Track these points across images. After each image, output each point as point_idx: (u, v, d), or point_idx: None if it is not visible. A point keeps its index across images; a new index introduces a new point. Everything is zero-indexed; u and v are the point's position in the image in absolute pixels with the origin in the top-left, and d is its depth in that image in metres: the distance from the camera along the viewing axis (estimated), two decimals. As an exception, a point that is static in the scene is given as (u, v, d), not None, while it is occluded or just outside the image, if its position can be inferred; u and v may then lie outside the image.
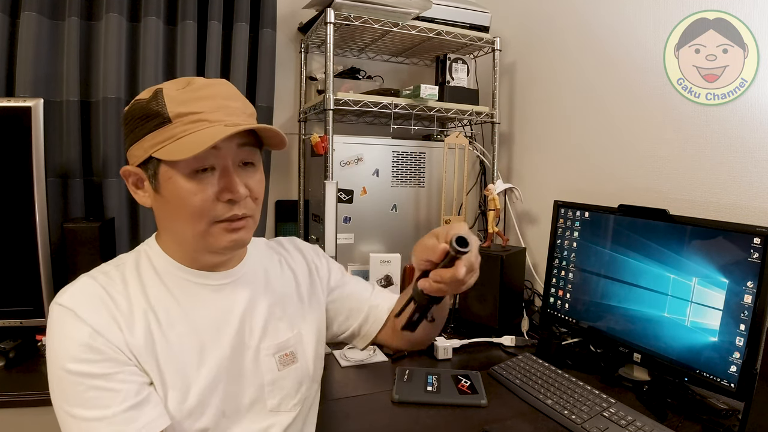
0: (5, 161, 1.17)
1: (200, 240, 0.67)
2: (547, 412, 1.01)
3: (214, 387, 0.68)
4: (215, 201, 0.65)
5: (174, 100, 0.63)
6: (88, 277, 0.66)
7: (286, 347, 0.76)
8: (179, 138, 0.62)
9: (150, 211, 1.53)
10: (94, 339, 0.60)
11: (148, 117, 0.63)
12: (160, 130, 0.63)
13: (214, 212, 0.65)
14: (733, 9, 1.11)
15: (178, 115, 0.62)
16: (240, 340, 0.72)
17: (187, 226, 0.65)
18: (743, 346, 0.93)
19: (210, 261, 0.71)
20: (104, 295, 0.64)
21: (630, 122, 1.38)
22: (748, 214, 1.09)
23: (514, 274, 1.49)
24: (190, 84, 0.65)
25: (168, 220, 0.68)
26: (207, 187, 0.64)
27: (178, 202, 0.64)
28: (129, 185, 0.69)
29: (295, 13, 1.82)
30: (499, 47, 1.72)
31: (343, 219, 1.60)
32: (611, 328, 1.20)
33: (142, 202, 0.69)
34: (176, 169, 0.63)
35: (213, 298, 0.71)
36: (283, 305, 0.78)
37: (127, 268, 0.69)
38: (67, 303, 0.61)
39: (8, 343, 1.20)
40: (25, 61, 1.40)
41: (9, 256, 1.19)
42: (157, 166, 0.64)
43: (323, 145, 1.48)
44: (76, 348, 0.59)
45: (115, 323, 0.62)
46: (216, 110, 0.63)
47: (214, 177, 0.65)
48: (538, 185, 1.75)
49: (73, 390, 0.59)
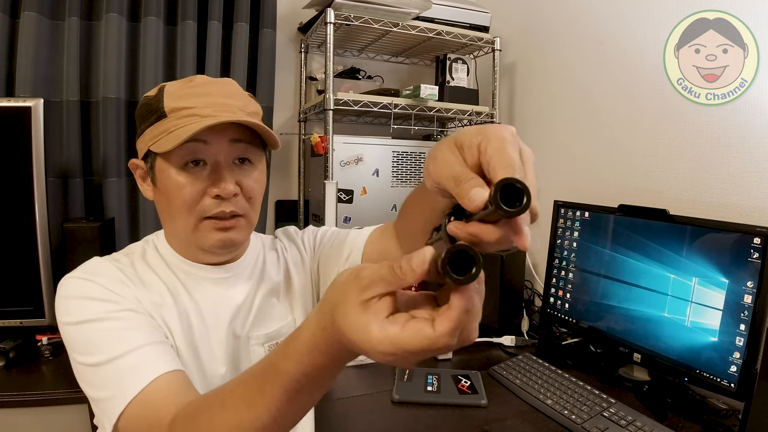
0: (5, 161, 1.17)
1: (191, 235, 0.67)
2: (547, 412, 1.01)
3: (214, 371, 0.69)
4: (204, 195, 0.65)
5: (172, 95, 0.65)
6: (98, 257, 0.69)
7: (277, 336, 0.76)
8: (171, 132, 0.63)
9: (150, 210, 1.56)
10: (108, 294, 0.61)
11: (150, 112, 0.66)
12: (157, 124, 0.65)
13: (202, 207, 0.65)
14: (733, 9, 1.11)
15: (172, 110, 0.64)
16: (233, 331, 0.73)
17: (179, 219, 0.66)
18: (743, 346, 0.92)
19: (204, 259, 0.72)
20: (115, 269, 0.66)
21: (630, 122, 1.38)
22: (748, 214, 1.09)
23: (514, 274, 1.49)
24: (192, 81, 0.67)
25: (164, 212, 0.70)
26: (196, 181, 0.64)
27: (170, 195, 0.65)
28: (136, 178, 0.72)
29: (295, 13, 1.82)
30: (499, 47, 1.72)
31: (343, 219, 1.60)
32: (611, 328, 1.20)
33: (146, 195, 0.71)
34: (169, 161, 0.64)
35: (214, 289, 0.73)
36: (276, 296, 0.79)
37: (136, 255, 0.72)
38: (81, 275, 0.63)
39: (8, 343, 1.20)
40: (25, 61, 1.40)
41: (9, 256, 1.19)
42: (154, 159, 0.66)
43: (323, 145, 1.48)
44: (89, 302, 0.60)
45: (125, 286, 0.64)
46: (210, 106, 0.64)
47: (204, 171, 0.65)
48: (538, 185, 1.74)
49: (92, 338, 0.59)
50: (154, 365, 0.57)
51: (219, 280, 0.73)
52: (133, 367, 0.57)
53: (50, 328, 1.24)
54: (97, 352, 0.58)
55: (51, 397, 1.05)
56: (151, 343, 0.59)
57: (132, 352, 0.57)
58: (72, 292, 0.62)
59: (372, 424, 0.97)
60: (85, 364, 0.59)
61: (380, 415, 1.00)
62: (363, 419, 0.99)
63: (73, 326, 0.59)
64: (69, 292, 0.62)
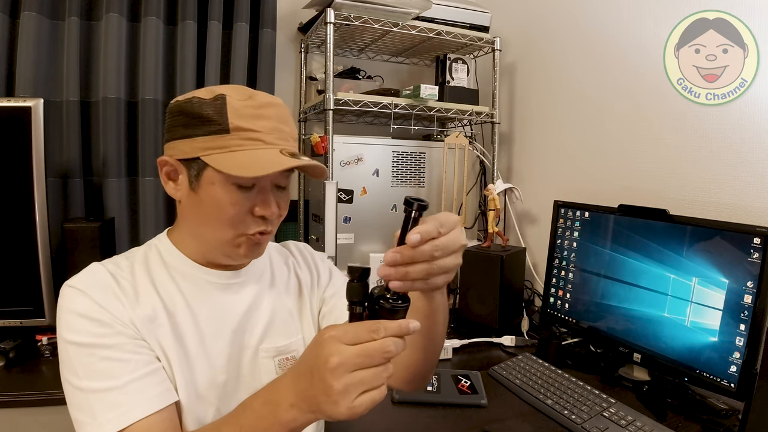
0: (5, 161, 1.17)
1: (223, 246, 0.69)
2: (547, 412, 1.01)
3: (212, 380, 0.69)
4: (247, 214, 0.67)
5: (236, 112, 0.64)
6: (98, 264, 0.69)
7: (287, 351, 0.77)
8: (233, 151, 0.64)
9: (150, 210, 1.56)
10: (100, 314, 0.62)
11: (207, 120, 0.65)
12: (216, 136, 0.64)
13: (245, 225, 0.67)
14: (733, 9, 1.11)
15: (237, 128, 0.64)
16: (239, 339, 0.72)
17: (215, 231, 0.68)
18: (743, 346, 0.93)
19: (222, 262, 0.73)
20: (111, 280, 0.66)
21: (630, 122, 1.38)
22: (748, 214, 1.09)
23: (514, 274, 1.49)
24: (252, 98, 0.67)
25: (196, 219, 0.70)
26: (244, 201, 0.66)
27: (213, 207, 0.66)
28: (161, 174, 0.71)
29: (295, 13, 1.82)
30: (499, 47, 1.72)
31: (343, 219, 1.60)
32: (611, 328, 1.20)
33: (171, 194, 0.71)
34: (221, 177, 0.65)
35: (217, 296, 0.72)
36: (287, 309, 0.79)
37: (137, 259, 0.71)
38: (77, 284, 0.64)
39: (8, 343, 1.20)
40: (25, 61, 1.40)
41: (9, 256, 1.19)
42: (202, 167, 0.66)
43: (323, 145, 1.48)
44: (84, 322, 0.61)
45: (119, 303, 0.64)
46: (271, 132, 0.66)
47: (252, 193, 0.67)
48: (538, 185, 1.75)
49: (83, 362, 0.60)
50: (136, 406, 0.59)
51: (225, 285, 0.73)
52: (114, 405, 0.58)
53: (50, 328, 1.24)
54: (83, 377, 0.59)
55: (51, 397, 1.05)
56: (137, 378, 0.61)
57: (116, 389, 0.59)
58: (70, 306, 0.62)
59: (372, 424, 0.97)
60: (70, 383, 0.60)
61: (380, 415, 1.00)
62: (363, 419, 0.98)
63: (68, 344, 0.61)
64: (67, 304, 0.63)
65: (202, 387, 0.68)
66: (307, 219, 1.86)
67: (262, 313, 0.76)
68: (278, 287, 0.80)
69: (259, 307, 0.76)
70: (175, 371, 0.65)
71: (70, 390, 0.61)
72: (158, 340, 0.66)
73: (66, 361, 0.61)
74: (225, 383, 0.70)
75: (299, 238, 1.81)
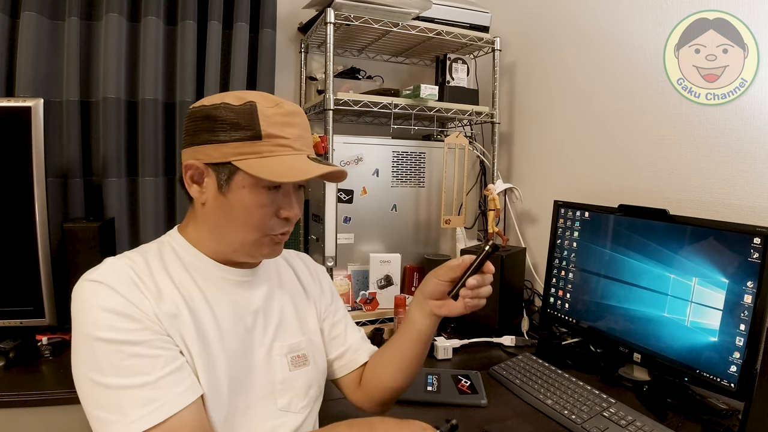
0: (5, 161, 1.17)
1: (246, 247, 0.72)
2: (547, 412, 1.01)
3: (229, 375, 0.70)
4: (273, 216, 0.71)
5: (268, 119, 0.68)
6: (114, 258, 0.69)
7: (298, 349, 0.79)
8: (265, 156, 0.67)
9: (150, 210, 1.56)
10: (129, 308, 0.62)
11: (239, 126, 0.67)
12: (248, 142, 0.67)
13: (270, 226, 0.71)
14: (733, 9, 1.11)
15: (269, 135, 0.67)
16: (251, 336, 0.74)
17: (241, 232, 0.70)
18: (743, 346, 0.93)
19: (240, 260, 0.75)
20: (131, 273, 0.66)
21: (630, 122, 1.38)
22: (748, 214, 1.09)
23: (514, 274, 1.49)
24: (279, 106, 0.70)
25: (221, 220, 0.71)
26: (273, 204, 0.70)
27: (242, 210, 0.69)
28: (185, 177, 0.71)
29: (295, 13, 1.82)
30: (499, 47, 1.72)
31: (343, 219, 1.60)
32: (611, 328, 1.20)
33: (193, 196, 0.71)
34: (252, 180, 0.68)
35: (234, 292, 0.74)
36: (295, 309, 0.83)
37: (150, 255, 0.72)
38: (98, 278, 0.63)
39: (8, 343, 1.20)
40: (25, 61, 1.40)
41: (9, 256, 1.19)
42: (233, 172, 0.68)
43: (323, 145, 1.48)
44: (112, 317, 0.60)
45: (144, 296, 0.64)
46: (298, 139, 0.71)
47: (278, 195, 0.71)
48: (538, 185, 1.75)
49: (109, 359, 0.59)
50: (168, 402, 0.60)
51: (241, 282, 0.76)
52: (146, 401, 0.59)
53: (50, 328, 1.24)
54: (111, 374, 0.59)
55: (51, 397, 1.05)
56: (168, 374, 0.61)
57: (148, 385, 0.59)
58: (94, 301, 0.61)
59: (372, 424, 0.97)
60: (93, 381, 0.59)
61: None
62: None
63: (93, 340, 0.59)
64: (91, 299, 0.61)
65: (221, 382, 0.68)
66: (307, 219, 1.86)
67: (275, 310, 0.79)
68: (286, 287, 0.84)
69: (272, 304, 0.79)
70: (197, 366, 0.66)
71: (91, 388, 0.59)
72: (181, 336, 0.66)
73: (88, 359, 0.60)
74: (240, 378, 0.71)
75: (299, 238, 1.81)
